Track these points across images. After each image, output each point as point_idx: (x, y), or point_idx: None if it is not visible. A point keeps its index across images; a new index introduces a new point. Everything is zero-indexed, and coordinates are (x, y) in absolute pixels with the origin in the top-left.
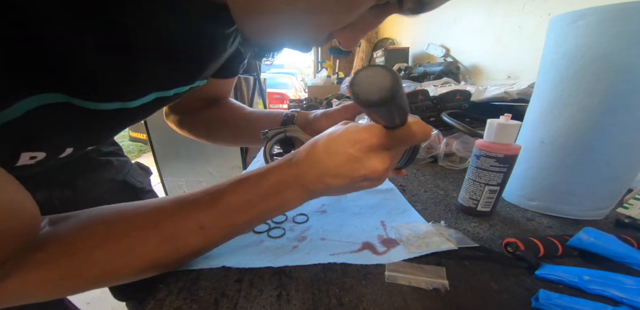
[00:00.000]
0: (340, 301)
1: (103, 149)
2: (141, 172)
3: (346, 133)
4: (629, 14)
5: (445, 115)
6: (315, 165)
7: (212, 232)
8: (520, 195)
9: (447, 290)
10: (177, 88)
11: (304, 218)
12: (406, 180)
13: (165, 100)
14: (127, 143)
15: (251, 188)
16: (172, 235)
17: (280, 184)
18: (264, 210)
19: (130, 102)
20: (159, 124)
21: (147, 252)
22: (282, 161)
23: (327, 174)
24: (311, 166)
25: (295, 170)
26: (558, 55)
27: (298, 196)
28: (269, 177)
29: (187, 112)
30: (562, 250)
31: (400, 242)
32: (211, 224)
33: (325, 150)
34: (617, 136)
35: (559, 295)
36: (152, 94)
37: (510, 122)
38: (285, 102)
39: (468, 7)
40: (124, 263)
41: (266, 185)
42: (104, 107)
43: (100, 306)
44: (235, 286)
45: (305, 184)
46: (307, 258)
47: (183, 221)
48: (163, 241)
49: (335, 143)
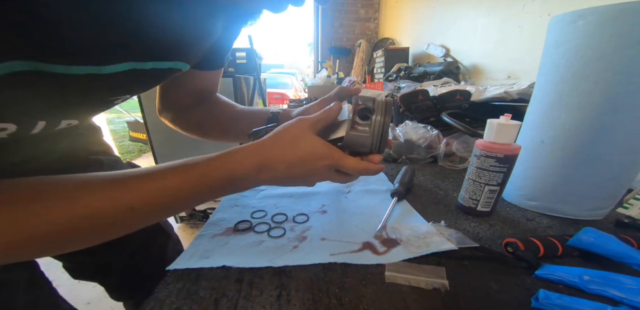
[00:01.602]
0: (340, 301)
1: (93, 148)
2: None
3: (312, 145)
4: (629, 14)
5: (445, 115)
6: (278, 145)
7: (144, 212)
8: (520, 195)
9: (447, 290)
10: (155, 62)
11: (304, 218)
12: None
13: (141, 73)
14: (127, 143)
15: (193, 167)
16: (91, 214)
17: (233, 155)
18: (205, 189)
19: (101, 67)
20: (159, 124)
21: (54, 222)
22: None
23: (284, 159)
24: (275, 144)
25: (257, 145)
26: (558, 55)
27: (248, 166)
28: (219, 157)
29: (180, 108)
30: (562, 250)
31: (400, 242)
32: (143, 205)
33: (292, 141)
34: (617, 136)
35: (559, 295)
36: (126, 64)
37: (510, 122)
38: (285, 102)
39: (468, 7)
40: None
41: (212, 162)
42: (74, 70)
43: (100, 306)
44: (235, 286)
45: (262, 159)
46: (307, 258)
47: (110, 200)
48: (79, 217)
49: (301, 146)
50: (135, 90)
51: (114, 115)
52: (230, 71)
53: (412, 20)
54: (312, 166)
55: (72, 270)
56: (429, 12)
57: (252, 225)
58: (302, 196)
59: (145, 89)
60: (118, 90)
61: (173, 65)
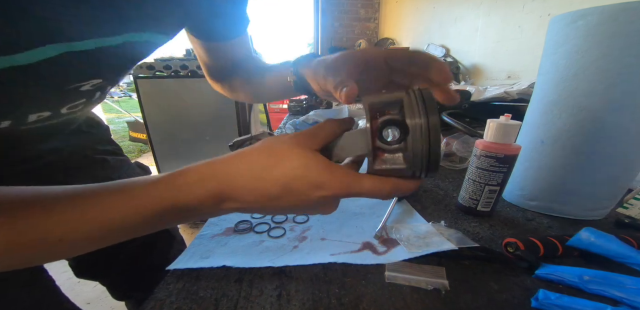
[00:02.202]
0: (340, 301)
1: (99, 147)
2: (139, 172)
3: (302, 168)
4: (629, 14)
5: (445, 115)
6: (247, 166)
7: (75, 244)
8: (520, 195)
9: (447, 290)
10: (95, 39)
11: (304, 218)
12: None
13: (80, 55)
14: (127, 143)
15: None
16: (14, 241)
17: (180, 178)
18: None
19: (15, 56)
20: (159, 124)
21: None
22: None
23: (255, 187)
24: (243, 163)
25: (217, 164)
26: (558, 55)
27: (200, 195)
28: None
29: (225, 77)
30: (562, 250)
31: (400, 242)
32: (74, 237)
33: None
34: (617, 136)
35: (559, 295)
36: (51, 46)
37: (510, 122)
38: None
39: (468, 7)
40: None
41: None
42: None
43: (100, 306)
44: (235, 286)
45: (221, 186)
46: (307, 258)
47: (34, 230)
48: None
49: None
50: (105, 74)
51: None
52: None
53: (412, 20)
54: (302, 198)
55: (75, 269)
56: (429, 12)
57: (252, 225)
58: None
59: (118, 71)
60: (53, 80)
61: (128, 38)
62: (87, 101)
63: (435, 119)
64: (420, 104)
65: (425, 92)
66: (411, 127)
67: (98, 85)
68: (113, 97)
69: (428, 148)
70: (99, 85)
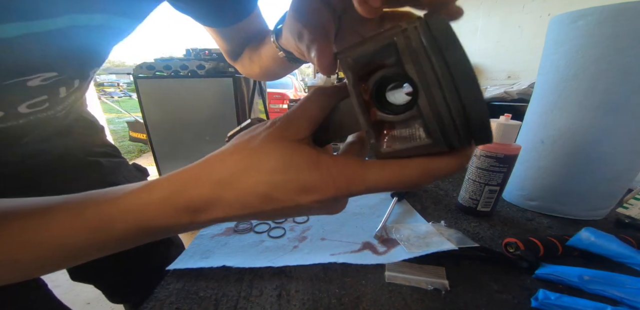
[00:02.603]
0: (340, 301)
1: (94, 149)
2: (137, 174)
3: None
4: (629, 14)
5: None
6: (219, 172)
7: (34, 265)
8: (520, 195)
9: (447, 290)
10: (18, 23)
11: (305, 218)
12: None
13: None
14: (127, 143)
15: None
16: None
17: (145, 193)
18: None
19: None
20: (159, 124)
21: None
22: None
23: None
24: (215, 169)
25: (184, 174)
26: (558, 55)
27: (168, 211)
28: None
29: (240, 54)
30: (562, 250)
31: (400, 242)
32: (31, 258)
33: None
34: (617, 136)
35: (559, 295)
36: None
37: (510, 122)
38: (285, 102)
39: (468, 7)
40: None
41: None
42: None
43: (100, 306)
44: (235, 286)
45: (192, 197)
46: (307, 258)
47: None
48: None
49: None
50: (56, 66)
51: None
52: (230, 71)
53: None
54: (289, 206)
55: (71, 272)
56: None
57: (252, 226)
58: None
59: (75, 63)
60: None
61: (103, 21)
62: (53, 98)
63: (458, 54)
64: (426, 40)
65: (434, 21)
66: (419, 76)
67: (54, 79)
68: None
69: (459, 98)
70: (55, 79)
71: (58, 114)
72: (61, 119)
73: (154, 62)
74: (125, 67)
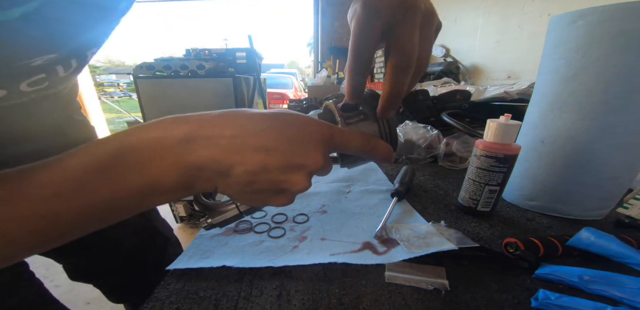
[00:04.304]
0: (340, 301)
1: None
2: None
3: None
4: (629, 14)
5: (445, 115)
6: (232, 124)
7: (14, 227)
8: (520, 195)
9: (447, 290)
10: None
11: (304, 218)
12: None
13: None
14: None
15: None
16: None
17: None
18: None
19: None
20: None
21: None
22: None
23: (245, 138)
24: (224, 123)
25: (189, 124)
26: (558, 55)
27: (170, 164)
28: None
29: None
30: (562, 250)
31: (400, 242)
32: (11, 216)
33: (257, 114)
34: (617, 136)
35: (559, 295)
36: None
37: (510, 122)
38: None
39: (468, 7)
40: None
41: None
42: None
43: (100, 306)
44: (235, 286)
45: (195, 146)
46: (307, 258)
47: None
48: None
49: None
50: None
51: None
52: (230, 71)
53: None
54: (300, 131)
55: (69, 271)
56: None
57: (252, 226)
58: (302, 196)
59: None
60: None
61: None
62: (52, 78)
63: (395, 129)
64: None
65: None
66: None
67: (53, 59)
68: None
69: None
70: (53, 59)
71: (63, 92)
72: (65, 96)
73: (154, 62)
74: (125, 67)
